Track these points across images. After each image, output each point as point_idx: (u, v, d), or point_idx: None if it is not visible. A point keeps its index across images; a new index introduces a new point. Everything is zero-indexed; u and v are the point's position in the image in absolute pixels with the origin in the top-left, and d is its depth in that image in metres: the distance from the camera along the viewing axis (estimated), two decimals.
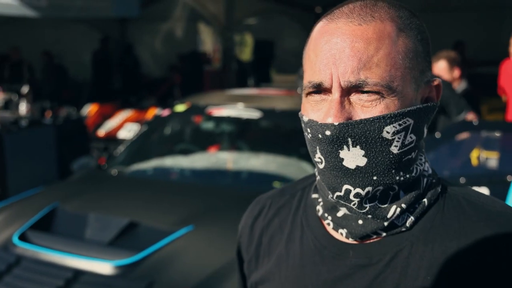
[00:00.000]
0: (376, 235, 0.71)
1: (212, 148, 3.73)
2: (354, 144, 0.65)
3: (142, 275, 2.08)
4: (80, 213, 2.56)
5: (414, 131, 0.67)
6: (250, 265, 0.85)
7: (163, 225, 2.41)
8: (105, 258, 2.17)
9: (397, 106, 0.65)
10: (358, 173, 0.67)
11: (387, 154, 0.66)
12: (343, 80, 0.64)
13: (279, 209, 0.84)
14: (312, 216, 0.78)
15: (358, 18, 0.66)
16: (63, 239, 2.38)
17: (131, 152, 3.56)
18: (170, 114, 3.77)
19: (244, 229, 0.88)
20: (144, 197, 2.83)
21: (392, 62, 0.65)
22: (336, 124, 0.64)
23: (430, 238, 0.68)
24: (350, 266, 0.71)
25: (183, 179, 3.27)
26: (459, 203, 0.71)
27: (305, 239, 0.77)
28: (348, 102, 0.66)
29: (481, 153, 3.75)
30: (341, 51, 0.64)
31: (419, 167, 0.71)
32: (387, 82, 0.64)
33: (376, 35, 0.65)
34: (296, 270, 0.76)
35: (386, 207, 0.69)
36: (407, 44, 0.66)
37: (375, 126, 0.64)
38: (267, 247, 0.82)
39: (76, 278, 2.08)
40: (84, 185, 3.07)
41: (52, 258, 2.22)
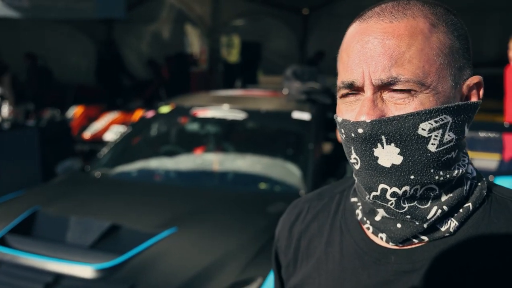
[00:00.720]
0: (417, 240, 0.69)
1: (198, 150, 3.71)
2: (388, 141, 0.64)
3: (124, 278, 2.05)
4: (62, 216, 2.52)
5: (453, 129, 0.65)
6: (289, 269, 0.83)
7: (145, 228, 2.38)
8: (86, 261, 2.14)
9: (433, 102, 0.63)
10: (394, 171, 0.65)
11: (424, 152, 0.64)
12: (374, 78, 0.63)
13: (317, 213, 0.83)
14: (351, 220, 0.77)
15: (389, 16, 0.65)
16: (44, 242, 2.34)
17: (115, 154, 3.52)
18: (155, 116, 3.74)
19: (281, 233, 0.86)
20: (127, 200, 2.80)
21: (425, 58, 0.63)
22: (369, 121, 0.63)
23: (477, 243, 0.67)
24: (392, 272, 0.69)
25: (168, 181, 3.24)
26: (508, 207, 0.69)
27: (345, 243, 0.76)
28: (381, 100, 0.65)
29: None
30: (372, 49, 0.64)
31: (461, 168, 0.68)
32: (420, 78, 0.63)
33: (408, 31, 0.64)
34: (335, 274, 0.75)
35: (426, 208, 0.67)
36: (442, 40, 0.65)
37: (409, 122, 0.63)
38: (306, 251, 0.81)
39: (57, 282, 2.05)
40: (66, 188, 3.02)
41: (32, 262, 2.18)
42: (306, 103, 3.39)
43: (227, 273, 2.06)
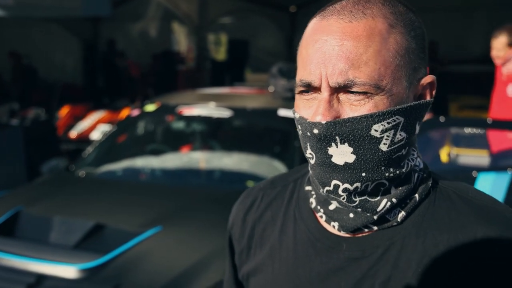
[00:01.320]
0: (368, 229, 0.72)
1: (184, 148, 3.70)
2: (342, 141, 0.66)
3: (108, 277, 2.03)
4: (45, 217, 2.50)
5: (404, 128, 0.67)
6: (242, 256, 0.85)
7: (130, 227, 2.36)
8: (70, 261, 2.12)
9: (386, 104, 0.65)
10: (347, 169, 0.67)
11: (376, 152, 0.66)
12: (332, 81, 0.65)
13: (271, 201, 0.85)
14: (305, 209, 0.79)
15: (349, 15, 0.65)
16: (26, 243, 2.31)
17: (100, 153, 3.49)
18: (140, 114, 3.72)
19: (235, 220, 0.88)
20: (112, 199, 2.78)
21: (381, 60, 0.64)
22: (324, 122, 0.65)
23: (421, 231, 0.70)
24: (344, 258, 0.72)
25: (154, 180, 3.22)
26: (450, 197, 0.72)
27: (298, 231, 0.78)
28: (337, 100, 0.66)
29: (451, 150, 3.81)
30: (330, 50, 0.65)
31: (410, 162, 0.71)
32: (375, 81, 0.64)
33: (366, 32, 0.64)
34: (289, 261, 0.77)
35: (376, 200, 0.70)
36: (399, 41, 0.66)
37: (362, 124, 0.65)
38: (260, 239, 0.83)
39: (39, 283, 2.03)
40: (50, 187, 2.99)
41: (13, 263, 2.15)
42: (292, 100, 3.40)
43: (213, 272, 2.06)
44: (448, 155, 3.76)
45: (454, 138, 3.83)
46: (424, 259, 0.68)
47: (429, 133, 3.29)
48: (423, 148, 3.28)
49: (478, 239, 0.67)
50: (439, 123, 3.01)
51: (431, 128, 3.06)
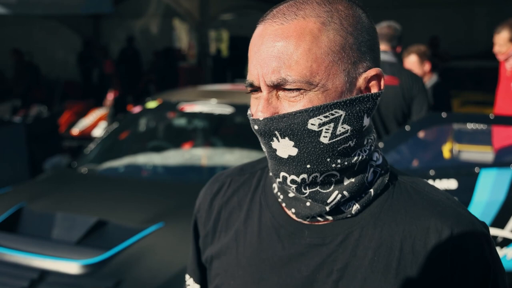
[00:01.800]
0: (323, 218, 0.75)
1: (186, 145, 3.70)
2: (282, 136, 0.69)
3: (110, 273, 2.04)
4: (47, 213, 2.50)
5: (347, 121, 0.69)
6: (207, 239, 0.87)
7: (132, 223, 2.37)
8: (72, 257, 2.13)
9: (321, 99, 0.68)
10: (291, 161, 0.70)
11: (317, 144, 0.69)
12: (267, 80, 0.69)
13: (238, 187, 0.87)
14: (270, 196, 0.82)
15: (281, 18, 0.69)
16: (29, 239, 2.32)
17: (102, 150, 3.50)
18: (142, 111, 3.72)
19: (202, 204, 0.90)
20: (114, 195, 2.78)
21: (313, 57, 0.67)
22: (261, 119, 0.69)
23: (379, 222, 0.74)
24: (305, 245, 0.75)
25: (156, 177, 3.23)
26: (407, 191, 0.76)
27: (263, 217, 0.81)
28: (276, 97, 0.70)
29: (453, 146, 3.81)
30: (265, 52, 0.69)
31: (363, 153, 0.73)
32: (307, 78, 0.67)
33: (296, 32, 0.68)
34: (253, 246, 0.80)
35: (327, 192, 0.73)
36: (332, 38, 0.68)
37: (298, 119, 0.68)
38: (225, 223, 0.85)
39: (42, 278, 2.04)
40: (52, 184, 3.00)
41: (17, 259, 2.16)
42: None
43: None
44: (450, 151, 3.76)
45: (457, 134, 3.83)
46: (380, 248, 0.72)
47: (432, 130, 3.28)
48: (426, 145, 3.27)
49: (431, 230, 0.71)
50: (441, 119, 3.00)
51: (433, 124, 3.06)
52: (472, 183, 2.65)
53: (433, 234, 0.70)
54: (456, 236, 0.70)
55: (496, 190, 2.60)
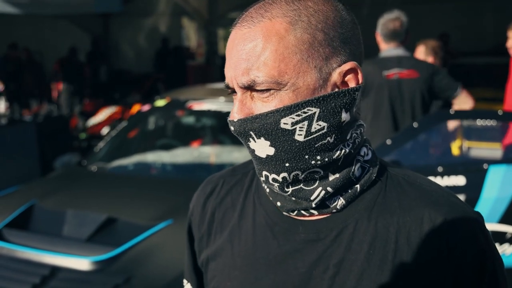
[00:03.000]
0: (308, 213, 0.75)
1: (194, 143, 3.72)
2: (257, 136, 0.70)
3: (120, 270, 2.07)
4: (58, 210, 2.54)
5: (322, 118, 0.69)
6: (202, 242, 0.87)
7: (141, 220, 2.39)
8: (83, 254, 2.16)
9: (292, 98, 0.68)
10: (270, 161, 0.71)
11: (292, 142, 0.70)
12: (238, 81, 0.70)
13: (231, 188, 0.87)
14: (264, 194, 0.82)
15: (249, 22, 0.70)
16: (40, 236, 2.36)
17: (112, 148, 3.53)
18: (150, 109, 3.75)
19: (196, 207, 0.89)
20: (123, 193, 2.81)
21: (280, 57, 0.68)
22: (236, 120, 0.71)
23: (373, 215, 0.74)
24: (300, 241, 0.75)
25: (165, 174, 3.25)
26: (399, 183, 0.76)
27: (257, 215, 0.81)
28: (250, 98, 0.71)
29: (463, 143, 3.79)
30: (235, 55, 0.71)
31: (345, 148, 0.73)
32: (275, 78, 0.68)
33: (262, 34, 0.69)
34: (248, 245, 0.79)
35: (311, 189, 0.73)
36: (299, 37, 0.68)
37: (271, 119, 0.69)
38: (220, 224, 0.85)
39: (53, 274, 2.07)
40: (63, 182, 3.04)
41: (28, 255, 2.19)
42: None
43: None
44: (459, 148, 3.74)
45: (466, 131, 3.81)
46: (375, 240, 0.72)
47: (441, 126, 3.27)
48: (435, 141, 3.26)
49: (425, 220, 0.71)
50: (450, 115, 2.99)
51: (441, 121, 3.04)
52: (481, 179, 2.64)
53: (427, 224, 0.71)
54: (450, 225, 0.70)
55: (504, 187, 2.58)
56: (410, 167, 2.80)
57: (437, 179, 2.70)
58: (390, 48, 3.09)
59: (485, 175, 2.62)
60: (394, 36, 3.07)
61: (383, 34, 3.09)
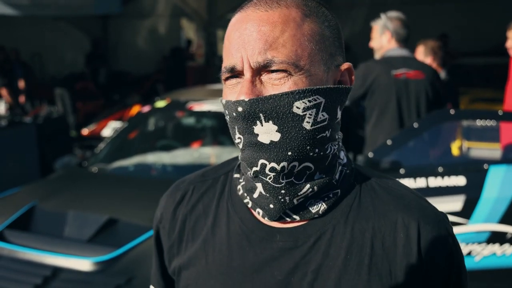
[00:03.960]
0: (290, 218, 0.75)
1: (195, 144, 3.73)
2: (266, 119, 0.68)
3: (122, 270, 2.07)
4: (59, 211, 2.54)
5: (326, 109, 0.71)
6: (172, 250, 0.85)
7: (142, 221, 2.40)
8: (84, 255, 2.16)
9: (306, 83, 0.69)
10: (273, 148, 0.70)
11: (300, 130, 0.69)
12: (252, 61, 0.69)
13: (202, 195, 0.85)
14: (238, 201, 0.80)
15: (264, 6, 0.71)
16: (42, 237, 2.36)
17: (112, 149, 3.53)
18: (151, 110, 3.75)
19: (165, 215, 0.86)
20: (124, 194, 2.82)
21: (297, 43, 0.69)
22: (247, 100, 0.68)
23: (349, 220, 0.74)
24: (277, 249, 0.74)
25: (165, 175, 3.25)
26: (373, 188, 0.78)
27: (232, 223, 0.79)
28: (259, 81, 0.70)
29: (462, 143, 3.79)
30: (249, 35, 0.69)
31: (334, 147, 0.75)
32: (293, 60, 0.68)
33: (281, 19, 0.69)
34: (223, 254, 0.78)
35: (300, 184, 0.73)
36: (313, 28, 0.71)
37: (284, 101, 0.68)
38: (191, 232, 0.83)
39: (55, 275, 2.07)
40: (63, 183, 3.04)
41: (30, 256, 2.20)
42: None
43: None
44: (459, 149, 3.74)
45: (466, 131, 3.81)
46: (352, 246, 0.72)
47: (440, 126, 3.28)
48: (435, 141, 3.27)
49: (398, 225, 0.73)
50: (450, 116, 3.00)
51: (442, 121, 3.05)
52: (481, 179, 2.65)
53: (401, 228, 0.73)
54: (422, 229, 0.72)
55: (505, 187, 2.59)
56: (411, 167, 2.80)
57: (438, 179, 2.70)
58: (396, 47, 3.08)
59: (486, 175, 2.63)
60: (404, 37, 3.08)
61: (396, 33, 3.06)
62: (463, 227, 2.64)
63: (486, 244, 2.63)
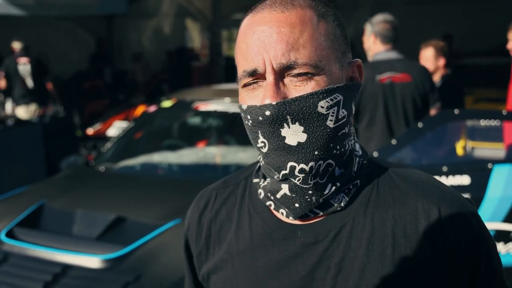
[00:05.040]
0: (313, 214, 0.76)
1: (200, 143, 3.75)
2: (293, 121, 0.70)
3: (130, 268, 2.10)
4: (68, 210, 2.57)
5: (344, 106, 0.73)
6: (201, 257, 0.86)
7: (150, 219, 2.43)
8: (93, 252, 2.19)
9: (327, 83, 0.71)
10: (300, 149, 0.71)
11: (324, 129, 0.71)
12: (275, 63, 0.69)
13: (225, 200, 0.87)
14: (258, 203, 0.82)
15: (280, 7, 0.71)
16: (51, 235, 2.39)
17: (119, 148, 3.57)
18: (157, 110, 3.78)
19: (191, 223, 0.89)
20: (131, 193, 2.85)
21: (316, 43, 0.70)
22: (274, 103, 0.69)
23: (369, 211, 0.75)
24: (300, 245, 0.76)
25: (171, 174, 3.28)
26: (391, 178, 0.78)
27: (254, 224, 0.81)
28: (282, 84, 0.70)
29: (467, 143, 3.80)
30: (269, 37, 0.69)
31: (350, 142, 0.76)
32: (315, 61, 0.69)
33: (299, 19, 0.70)
34: (247, 254, 0.79)
35: (323, 182, 0.74)
36: (327, 28, 0.73)
37: (310, 101, 0.69)
38: (217, 238, 0.84)
39: (65, 272, 2.10)
40: (71, 182, 3.07)
41: (40, 253, 2.23)
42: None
43: None
44: (463, 148, 3.76)
45: (470, 131, 3.82)
46: (373, 236, 0.73)
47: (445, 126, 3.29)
48: (439, 141, 3.28)
49: (419, 212, 0.73)
50: (454, 115, 3.01)
51: (446, 121, 3.07)
52: (485, 179, 2.66)
53: (422, 215, 0.73)
54: (444, 214, 0.72)
55: (509, 186, 2.60)
56: (415, 167, 2.82)
57: (442, 179, 2.72)
58: (383, 50, 3.08)
59: (490, 174, 2.64)
60: (390, 39, 3.07)
61: (380, 36, 3.06)
62: None
63: None
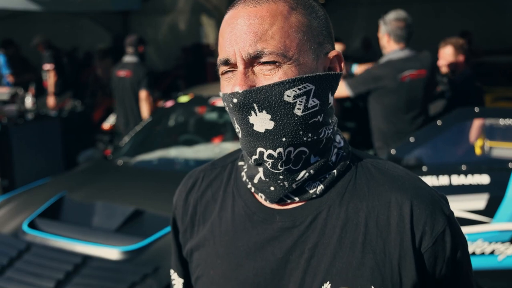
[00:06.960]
0: (290, 200, 0.80)
1: (216, 139, 3.77)
2: (260, 109, 0.73)
3: (148, 260, 2.13)
4: (87, 202, 2.61)
5: (316, 96, 0.75)
6: (186, 234, 0.91)
7: (167, 212, 2.45)
8: (113, 244, 2.22)
9: (295, 72, 0.73)
10: (268, 135, 0.74)
11: (291, 116, 0.74)
12: (244, 53, 0.73)
13: (211, 181, 0.91)
14: (242, 186, 0.86)
15: (253, 2, 0.75)
16: (71, 226, 2.43)
17: (136, 143, 3.60)
18: (174, 105, 3.81)
19: (178, 202, 0.93)
20: (149, 186, 2.88)
21: (286, 34, 0.73)
22: (241, 91, 0.73)
23: (344, 201, 0.79)
24: (277, 229, 0.80)
25: (188, 169, 3.31)
26: (369, 169, 0.81)
27: (236, 206, 0.85)
28: (252, 73, 0.74)
29: (485, 142, 3.76)
30: (240, 30, 0.74)
31: (328, 131, 0.79)
32: (282, 51, 0.72)
33: (269, 12, 0.74)
34: (228, 234, 0.84)
35: (297, 169, 0.78)
36: (300, 20, 0.75)
37: (275, 90, 0.72)
38: (202, 217, 0.89)
39: (85, 263, 2.14)
40: (90, 175, 3.11)
41: (61, 244, 2.27)
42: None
43: None
44: (481, 148, 3.71)
45: (488, 131, 3.78)
46: (347, 225, 0.76)
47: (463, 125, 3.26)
48: (457, 139, 3.25)
49: (392, 204, 0.76)
50: (474, 113, 2.98)
51: (465, 119, 3.04)
52: (505, 178, 2.63)
53: (394, 207, 0.76)
54: (415, 208, 0.75)
55: None
56: (433, 164, 2.80)
57: (461, 177, 2.69)
58: (397, 49, 3.07)
59: (510, 174, 2.61)
60: (403, 37, 3.05)
61: (393, 35, 3.05)
62: (486, 226, 2.63)
63: (510, 243, 2.62)
